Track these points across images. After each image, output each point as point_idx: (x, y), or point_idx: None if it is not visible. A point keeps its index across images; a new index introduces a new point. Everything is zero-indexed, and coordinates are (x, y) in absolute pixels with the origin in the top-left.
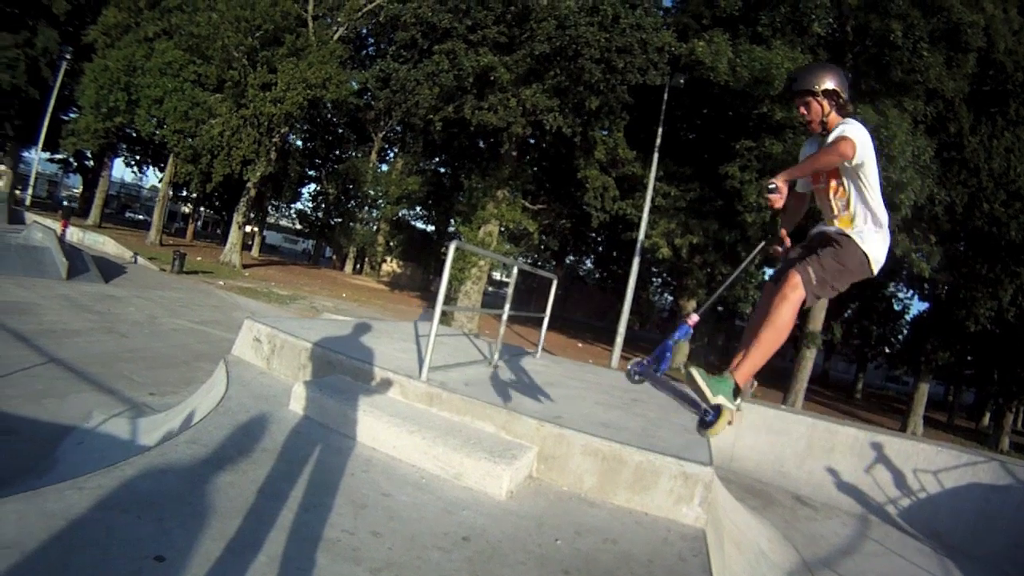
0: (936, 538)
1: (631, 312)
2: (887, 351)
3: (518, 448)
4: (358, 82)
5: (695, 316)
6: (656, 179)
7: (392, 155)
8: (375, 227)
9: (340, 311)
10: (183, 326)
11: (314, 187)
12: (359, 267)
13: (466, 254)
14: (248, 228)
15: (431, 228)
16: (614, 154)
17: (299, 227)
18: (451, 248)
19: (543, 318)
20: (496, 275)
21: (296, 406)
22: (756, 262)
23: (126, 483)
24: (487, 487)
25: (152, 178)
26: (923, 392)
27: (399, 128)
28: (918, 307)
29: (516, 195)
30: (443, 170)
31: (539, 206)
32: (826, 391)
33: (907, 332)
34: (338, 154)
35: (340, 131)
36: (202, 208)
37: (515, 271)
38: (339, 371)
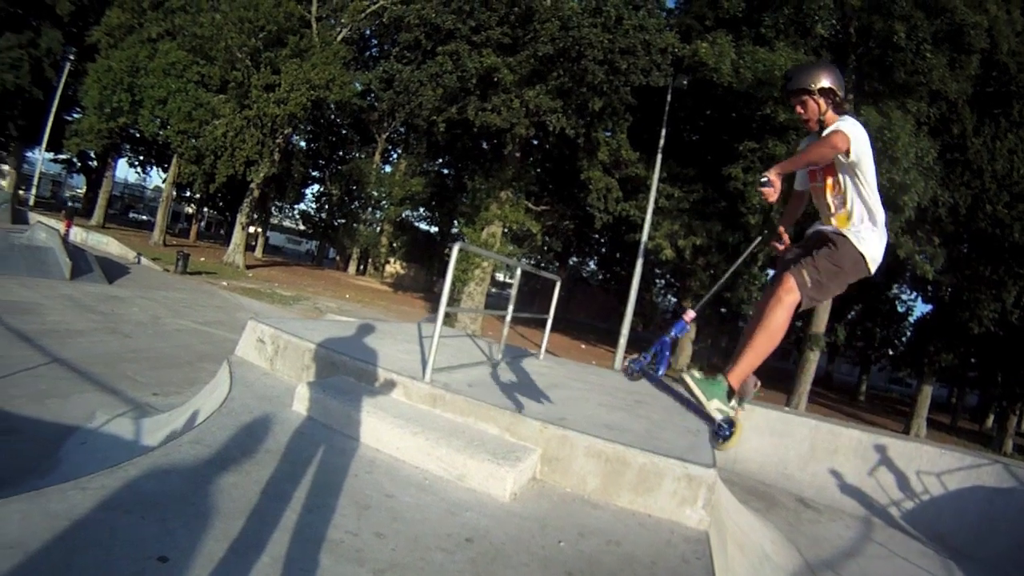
0: (939, 540)
1: (634, 314)
2: (891, 353)
3: (522, 450)
4: (362, 83)
5: (691, 312)
6: (659, 180)
7: (395, 156)
8: (378, 228)
9: (344, 312)
10: (187, 327)
11: (318, 188)
12: (363, 268)
13: (469, 255)
14: (252, 229)
15: (434, 229)
16: (617, 155)
17: (303, 228)
18: (454, 249)
19: (546, 319)
20: (499, 276)
21: (299, 407)
22: (760, 264)
23: (129, 483)
24: (491, 489)
25: (156, 178)
26: (927, 394)
27: (402, 129)
28: (921, 309)
29: (519, 196)
30: (446, 171)
31: (542, 207)
32: (829, 393)
33: (910, 334)
34: (342, 155)
35: (344, 132)
36: (206, 209)
37: (518, 272)
38: (342, 372)
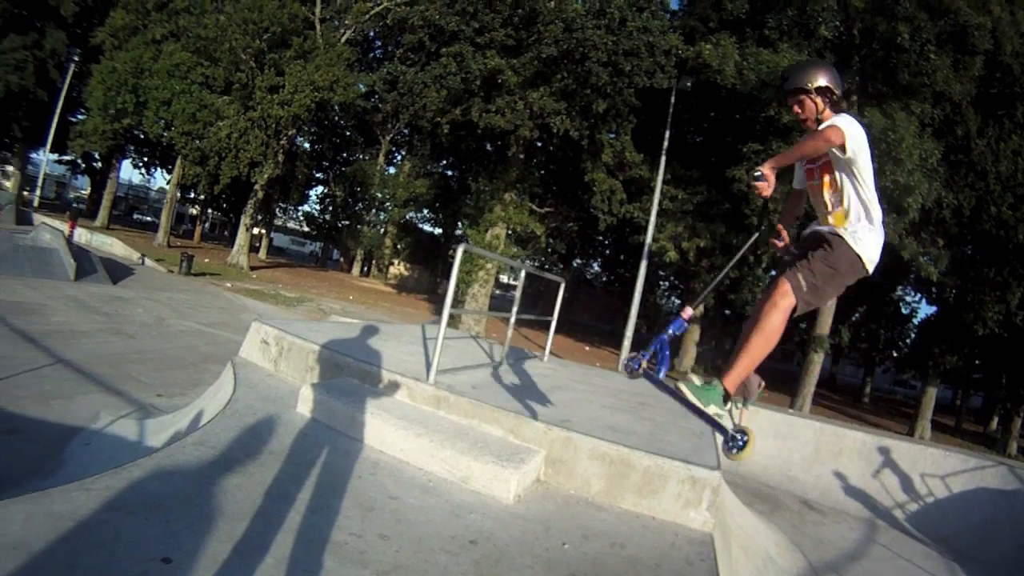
0: (943, 542)
1: (638, 316)
2: (895, 355)
3: (526, 452)
4: (365, 85)
5: (689, 310)
6: (663, 182)
7: (399, 158)
8: (382, 230)
9: (347, 313)
10: (190, 328)
11: (321, 189)
12: (366, 270)
13: (473, 257)
14: (255, 230)
15: (438, 231)
16: (621, 157)
17: (306, 229)
18: (458, 251)
19: (550, 321)
20: (503, 278)
21: (303, 408)
22: (764, 266)
23: (133, 484)
24: (495, 491)
25: (160, 180)
26: (931, 396)
27: (406, 131)
28: (926, 311)
29: (523, 198)
30: (450, 173)
31: (546, 209)
32: (834, 395)
33: (915, 336)
34: (345, 156)
35: (347, 133)
36: (210, 210)
37: (522, 274)
38: (346, 373)
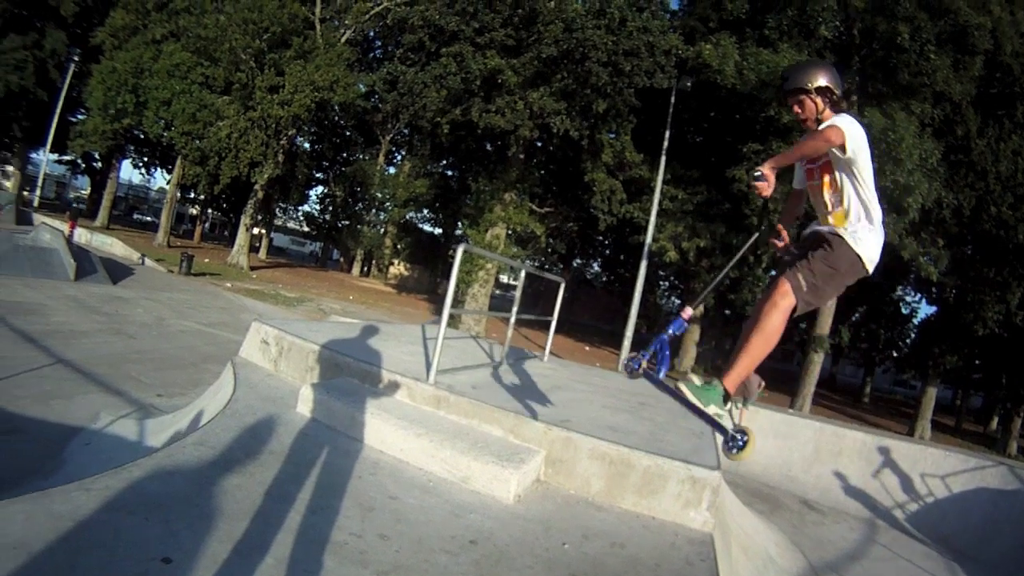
0: (943, 542)
1: (638, 316)
2: (895, 355)
3: (526, 452)
4: (365, 85)
5: (689, 310)
6: (663, 182)
7: (399, 158)
8: (382, 230)
9: (347, 313)
10: (191, 328)
11: (321, 189)
12: (366, 270)
13: (473, 257)
14: (255, 230)
15: (438, 231)
16: (621, 157)
17: (306, 229)
18: (458, 251)
19: (550, 321)
20: (503, 278)
21: (303, 408)
22: (764, 266)
23: (133, 484)
24: (495, 491)
25: (160, 180)
26: (931, 396)
27: (406, 131)
28: (926, 311)
29: (523, 198)
30: (450, 173)
31: (546, 209)
32: (834, 395)
33: (915, 336)
34: (345, 156)
35: (347, 133)
36: (210, 210)
37: (522, 274)
38: (346, 373)
